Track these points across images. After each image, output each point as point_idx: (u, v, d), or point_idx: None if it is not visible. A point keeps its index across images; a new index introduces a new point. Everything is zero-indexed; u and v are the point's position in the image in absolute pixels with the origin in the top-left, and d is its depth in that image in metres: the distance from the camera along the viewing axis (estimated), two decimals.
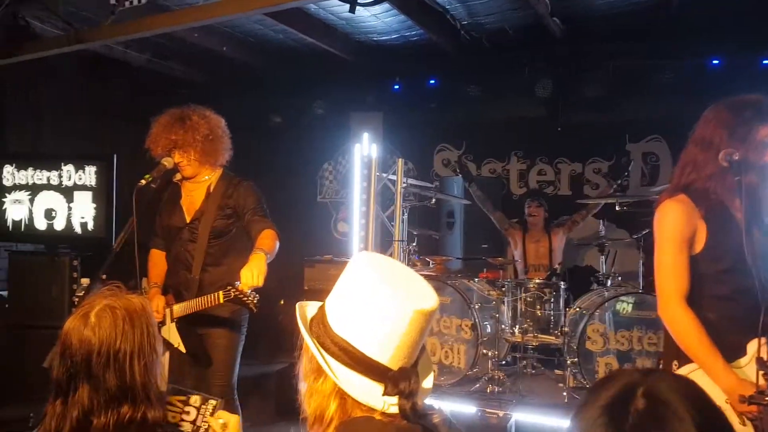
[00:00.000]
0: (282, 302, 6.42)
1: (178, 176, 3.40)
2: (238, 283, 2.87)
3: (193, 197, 3.38)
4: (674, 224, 2.20)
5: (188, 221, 3.34)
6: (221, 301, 2.95)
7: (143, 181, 3.09)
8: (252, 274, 2.83)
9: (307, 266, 5.99)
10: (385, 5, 5.04)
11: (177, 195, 3.42)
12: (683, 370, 2.19)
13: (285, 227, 3.32)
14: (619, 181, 5.70)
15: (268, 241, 3.08)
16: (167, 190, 3.48)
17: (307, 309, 1.40)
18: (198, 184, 3.38)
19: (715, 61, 5.66)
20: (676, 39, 5.73)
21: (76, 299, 4.51)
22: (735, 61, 5.65)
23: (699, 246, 2.19)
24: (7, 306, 5.36)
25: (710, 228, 2.17)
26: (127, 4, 4.24)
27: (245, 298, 2.87)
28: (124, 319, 1.63)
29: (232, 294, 2.88)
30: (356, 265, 1.32)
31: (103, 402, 1.57)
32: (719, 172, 2.18)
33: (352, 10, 4.72)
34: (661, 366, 2.40)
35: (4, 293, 5.51)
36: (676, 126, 6.20)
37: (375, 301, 1.24)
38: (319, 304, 1.38)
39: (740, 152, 2.12)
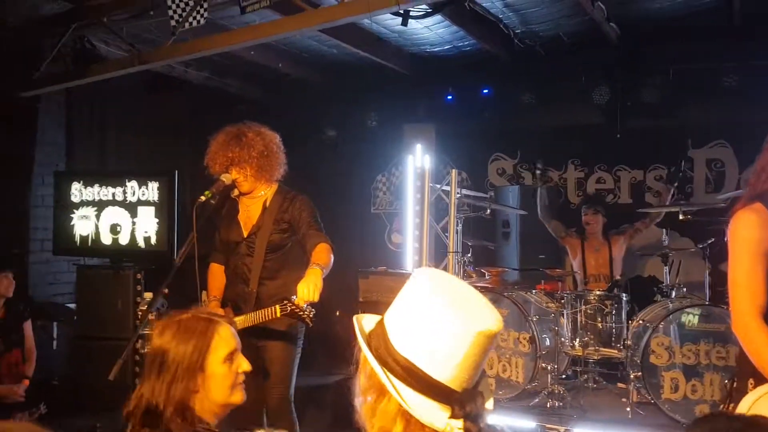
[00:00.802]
0: (338, 313, 6.46)
1: (235, 192, 3.47)
2: (294, 297, 2.91)
3: (250, 212, 3.45)
4: (749, 235, 2.09)
5: (245, 236, 3.41)
6: (278, 315, 3.01)
7: (203, 198, 3.16)
8: (308, 289, 2.87)
9: (361, 278, 5.99)
10: (438, 17, 5.05)
11: (234, 210, 3.50)
12: (760, 390, 2.07)
13: (340, 239, 3.36)
14: (676, 183, 5.52)
15: (323, 255, 3.12)
16: (225, 206, 3.56)
17: (364, 322, 1.39)
18: (254, 199, 3.45)
19: None
20: (739, 41, 5.53)
21: (140, 312, 4.66)
22: None
23: None
24: (75, 318, 5.58)
25: None
26: (187, 25, 4.38)
27: (301, 313, 2.92)
28: (178, 334, 1.71)
29: (289, 308, 2.94)
30: (417, 282, 1.30)
31: (163, 399, 1.68)
32: None
33: (404, 23, 4.75)
34: (735, 384, 2.28)
35: (73, 306, 5.74)
36: (741, 131, 6.03)
37: (438, 321, 1.23)
38: (377, 318, 1.37)
39: None
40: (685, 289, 4.73)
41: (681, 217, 4.60)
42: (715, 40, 5.60)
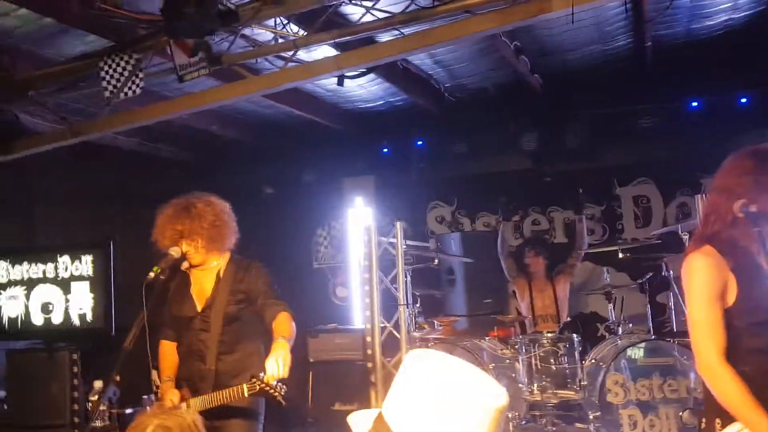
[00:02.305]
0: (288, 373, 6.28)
1: (185, 264, 3.31)
2: (262, 374, 2.77)
3: (202, 285, 3.30)
4: (704, 279, 2.18)
5: (200, 310, 3.24)
6: (245, 395, 2.85)
7: (152, 274, 2.97)
8: (277, 365, 2.75)
9: (311, 337, 5.87)
10: (371, 76, 5.14)
11: (186, 284, 3.33)
12: (729, 430, 2.15)
13: (284, 297, 3.24)
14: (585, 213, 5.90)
15: (286, 326, 3.02)
16: (175, 280, 3.37)
17: (357, 421, 1.32)
18: (207, 271, 3.30)
19: (694, 104, 5.84)
20: (653, 85, 5.93)
21: (91, 404, 4.35)
22: (713, 101, 5.84)
23: (731, 299, 2.17)
24: (5, 407, 5.15)
25: (740, 280, 2.16)
26: (122, 96, 4.23)
27: (272, 391, 2.76)
28: None
29: (257, 387, 2.78)
30: (416, 369, 1.25)
31: None
32: (742, 220, 2.18)
33: (340, 83, 4.80)
34: (703, 425, 2.35)
35: (2, 393, 5.30)
36: (662, 167, 6.39)
37: (455, 408, 1.18)
38: (372, 412, 1.30)
39: (761, 201, 2.13)
40: (630, 325, 4.90)
41: (620, 255, 4.80)
42: (630, 84, 5.98)
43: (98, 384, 4.09)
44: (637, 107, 6.12)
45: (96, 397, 3.81)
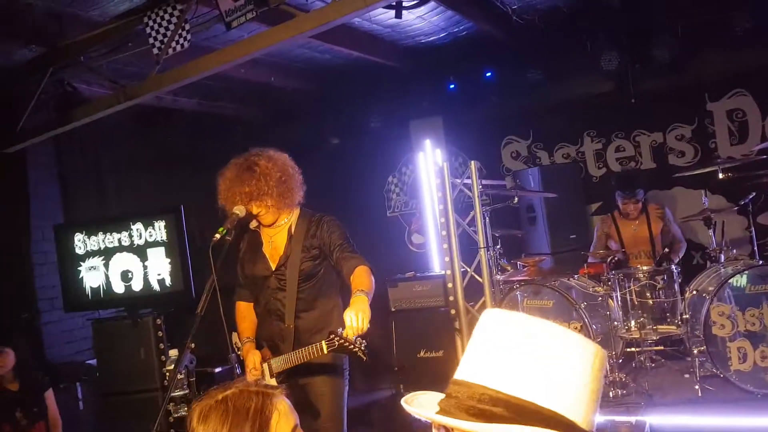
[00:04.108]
0: (368, 326, 6.22)
1: (254, 223, 3.21)
2: (341, 330, 2.64)
3: (275, 243, 3.19)
4: None
5: (274, 268, 3.15)
6: (325, 352, 2.75)
7: (217, 235, 2.87)
8: (357, 319, 2.60)
9: (390, 286, 5.77)
10: (431, 4, 4.79)
11: (257, 243, 3.23)
12: None
13: (360, 248, 3.12)
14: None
15: (365, 280, 2.88)
16: (245, 239, 3.29)
17: (417, 401, 1.19)
18: (278, 228, 3.19)
19: None
20: None
21: (167, 373, 4.38)
22: None
23: None
24: (98, 374, 5.31)
25: None
26: (170, 51, 4.11)
27: (352, 347, 2.63)
28: (226, 418, 1.41)
29: (337, 343, 2.66)
30: (492, 328, 1.11)
31: None
32: None
33: (398, 15, 4.49)
34: None
35: (94, 362, 5.46)
36: (759, 76, 5.71)
37: (545, 359, 1.04)
38: (432, 394, 1.19)
39: None
40: (734, 251, 4.45)
41: (720, 176, 4.33)
42: None
43: (173, 353, 4.09)
44: (728, 12, 5.43)
45: (172, 366, 3.79)
